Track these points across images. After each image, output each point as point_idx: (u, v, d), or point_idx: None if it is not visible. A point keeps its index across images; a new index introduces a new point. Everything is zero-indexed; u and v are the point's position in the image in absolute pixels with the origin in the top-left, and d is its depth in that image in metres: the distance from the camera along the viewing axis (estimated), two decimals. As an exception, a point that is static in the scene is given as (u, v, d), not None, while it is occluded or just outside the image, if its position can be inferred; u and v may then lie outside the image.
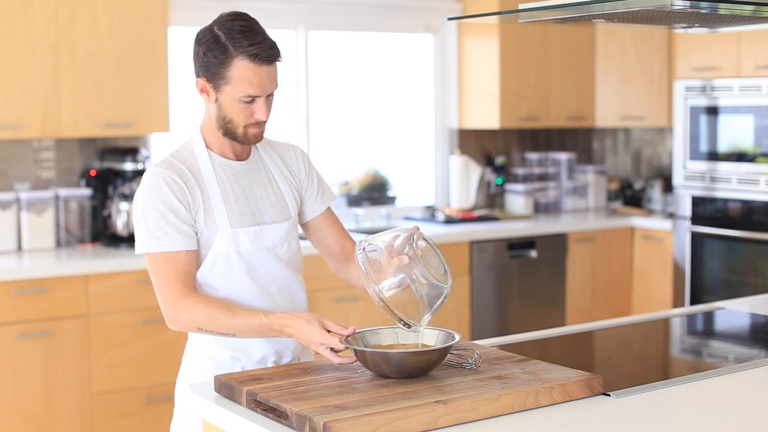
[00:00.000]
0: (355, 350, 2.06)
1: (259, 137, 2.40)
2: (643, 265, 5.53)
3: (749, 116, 4.92)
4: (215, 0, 4.90)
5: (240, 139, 2.37)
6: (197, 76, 2.34)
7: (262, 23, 2.37)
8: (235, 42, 2.26)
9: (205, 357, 2.40)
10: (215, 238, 2.33)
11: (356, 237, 2.53)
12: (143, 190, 2.31)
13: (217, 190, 2.35)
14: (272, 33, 2.39)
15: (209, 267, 2.34)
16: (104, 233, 4.56)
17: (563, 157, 5.99)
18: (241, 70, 2.27)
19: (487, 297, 5.12)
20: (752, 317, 2.96)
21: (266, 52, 2.28)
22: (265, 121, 2.38)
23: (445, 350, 2.05)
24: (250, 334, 2.27)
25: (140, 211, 2.30)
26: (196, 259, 2.32)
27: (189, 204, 2.31)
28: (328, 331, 2.16)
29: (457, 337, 2.09)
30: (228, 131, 2.37)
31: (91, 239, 4.57)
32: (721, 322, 2.95)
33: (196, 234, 2.32)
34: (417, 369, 2.02)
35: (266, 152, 2.52)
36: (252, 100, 2.32)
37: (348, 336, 2.13)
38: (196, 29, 2.38)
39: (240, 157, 2.44)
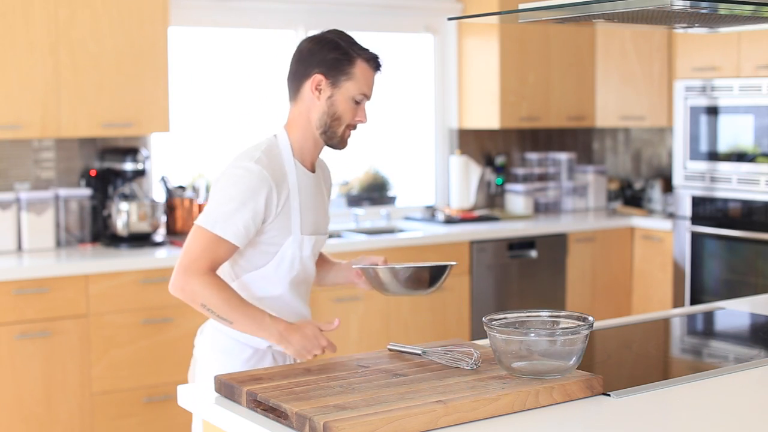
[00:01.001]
0: (364, 269, 2.51)
1: (347, 143, 2.59)
2: (643, 265, 5.53)
3: (749, 116, 4.92)
4: (215, 0, 4.90)
5: (337, 139, 2.54)
6: (312, 73, 2.48)
7: (262, 23, 2.39)
8: (354, 47, 2.51)
9: (242, 343, 2.50)
10: (285, 242, 2.50)
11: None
12: (242, 176, 2.43)
13: (296, 197, 2.51)
14: (272, 33, 2.40)
15: (274, 268, 2.51)
16: (104, 233, 4.56)
17: (563, 157, 5.99)
18: (363, 70, 2.51)
19: (487, 297, 5.12)
20: (752, 317, 2.96)
21: (378, 61, 2.57)
22: (356, 127, 2.58)
23: (446, 267, 2.46)
24: (246, 327, 2.40)
25: (227, 193, 2.42)
26: (233, 254, 2.46)
27: (271, 207, 2.45)
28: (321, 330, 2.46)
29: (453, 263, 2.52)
30: (330, 129, 2.52)
31: (91, 239, 4.57)
32: (721, 322, 2.95)
33: (253, 235, 2.46)
34: (421, 281, 2.43)
35: (319, 167, 2.68)
36: (360, 101, 2.52)
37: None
38: (196, 29, 2.41)
39: (311, 169, 2.60)
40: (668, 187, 5.72)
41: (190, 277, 2.38)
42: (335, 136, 2.52)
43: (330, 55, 2.47)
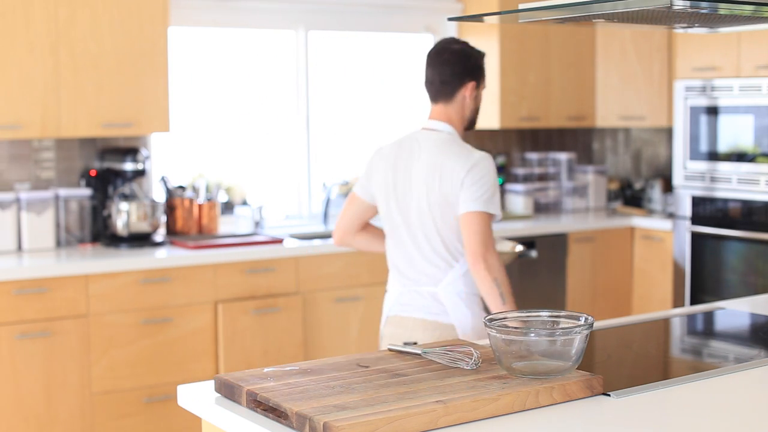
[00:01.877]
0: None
1: None
2: (643, 265, 5.53)
3: (749, 116, 4.92)
4: (215, 0, 4.90)
5: (474, 126, 3.25)
6: (466, 81, 3.13)
7: (262, 23, 2.39)
8: (483, 55, 3.22)
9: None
10: None
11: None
12: (489, 165, 3.04)
13: None
14: (272, 33, 2.40)
15: None
16: (104, 233, 4.56)
17: (563, 157, 5.99)
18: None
19: (487, 297, 5.12)
20: (752, 317, 2.96)
21: None
22: None
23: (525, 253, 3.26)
24: (511, 306, 3.03)
25: (486, 180, 3.02)
26: None
27: None
28: None
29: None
30: (473, 121, 3.22)
31: (91, 239, 4.57)
32: (721, 322, 2.95)
33: None
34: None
35: None
36: None
37: None
38: (196, 29, 2.41)
39: None
40: (668, 187, 5.72)
41: (490, 254, 2.98)
42: (474, 124, 3.23)
43: (477, 66, 3.15)
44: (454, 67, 3.11)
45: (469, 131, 3.26)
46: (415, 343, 2.57)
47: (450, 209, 3.04)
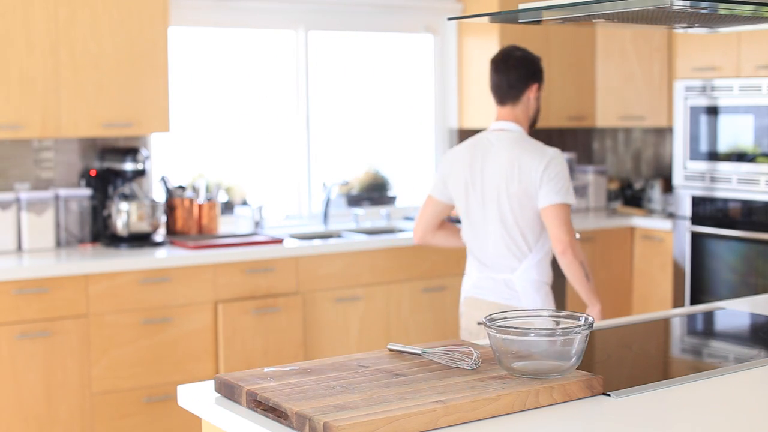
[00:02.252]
0: None
1: None
2: (643, 265, 5.53)
3: (749, 116, 4.92)
4: (215, 0, 4.90)
5: (536, 125, 3.56)
6: (531, 84, 3.46)
7: (262, 23, 2.39)
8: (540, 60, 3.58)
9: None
10: None
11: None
12: (563, 161, 3.38)
13: None
14: (272, 33, 2.40)
15: None
16: (104, 233, 4.56)
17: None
18: None
19: (487, 297, 5.12)
20: (752, 317, 2.96)
21: None
22: None
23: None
24: (594, 286, 3.49)
25: (563, 174, 3.35)
26: None
27: None
28: None
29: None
30: (536, 119, 3.54)
31: (91, 239, 4.57)
32: (721, 322, 2.95)
33: None
34: None
35: None
36: None
37: None
38: (196, 29, 2.41)
39: None
40: (668, 187, 5.72)
41: (574, 240, 3.30)
42: (536, 122, 3.55)
43: (538, 69, 3.50)
44: (519, 72, 3.46)
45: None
46: None
47: (528, 201, 3.36)
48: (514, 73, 3.46)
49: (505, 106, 3.48)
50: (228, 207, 5.13)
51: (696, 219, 5.17)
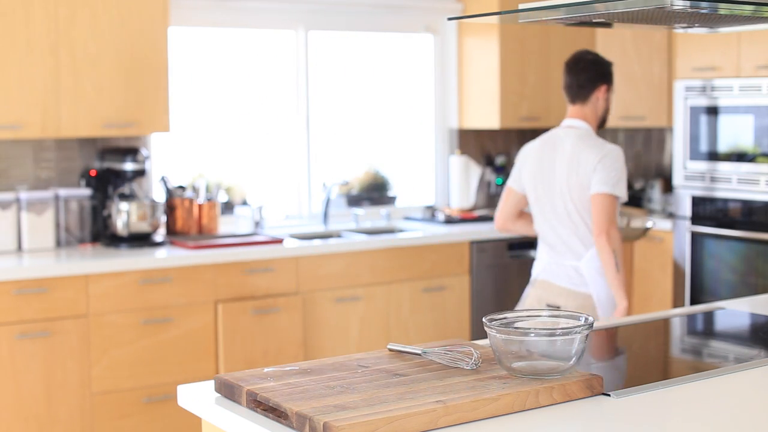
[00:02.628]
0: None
1: None
2: (643, 265, 5.52)
3: (749, 116, 4.92)
4: (215, 0, 4.90)
5: (605, 124, 3.82)
6: (600, 85, 3.73)
7: (262, 23, 2.39)
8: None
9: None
10: None
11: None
12: (618, 154, 3.62)
13: None
14: (272, 33, 2.40)
15: None
16: (104, 233, 4.56)
17: (563, 157, 5.98)
18: None
19: (487, 297, 5.12)
20: (752, 317, 2.96)
21: None
22: None
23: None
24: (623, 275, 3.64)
25: (615, 166, 3.59)
26: None
27: None
28: None
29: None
30: (605, 119, 3.79)
31: (91, 239, 4.57)
32: (721, 322, 2.95)
33: None
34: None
35: None
36: None
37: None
38: (196, 29, 2.41)
39: None
40: (668, 187, 5.72)
41: (613, 229, 3.55)
42: (605, 122, 3.81)
43: (607, 72, 3.77)
44: (588, 74, 3.74)
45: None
46: (558, 308, 3.61)
47: (585, 192, 3.63)
48: (584, 75, 3.75)
49: (575, 105, 3.77)
50: (228, 207, 5.13)
51: (696, 219, 5.17)
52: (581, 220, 3.67)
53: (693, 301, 5.17)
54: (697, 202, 5.16)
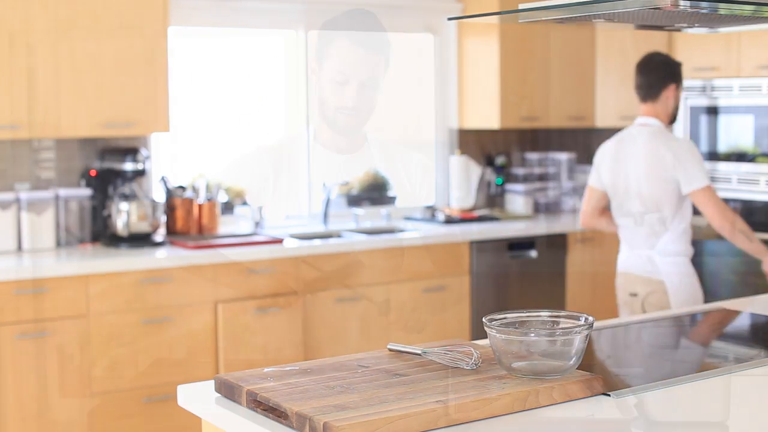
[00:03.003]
0: None
1: None
2: (643, 265, 5.52)
3: (749, 116, 4.91)
4: (215, 0, 4.90)
5: (675, 120, 4.05)
6: (668, 84, 3.97)
7: (262, 23, 2.39)
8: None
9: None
10: None
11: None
12: (695, 147, 3.92)
13: None
14: (272, 33, 2.40)
15: None
16: (104, 233, 4.56)
17: (563, 157, 5.98)
18: None
19: (487, 297, 5.12)
20: (752, 317, 2.96)
21: None
22: None
23: None
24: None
25: (699, 159, 3.85)
26: None
27: None
28: None
29: None
30: (675, 116, 4.02)
31: (91, 239, 4.57)
32: (722, 322, 2.95)
33: None
34: None
35: None
36: None
37: None
38: (196, 29, 2.41)
39: None
40: (668, 187, 5.71)
41: (729, 212, 3.84)
42: (675, 118, 4.03)
43: (676, 72, 4.01)
44: (658, 74, 3.99)
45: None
46: (635, 295, 3.95)
47: (663, 185, 3.84)
48: (654, 75, 4.00)
49: (647, 104, 4.01)
50: (228, 207, 5.13)
51: (696, 219, 5.16)
52: (655, 211, 3.90)
53: (693, 301, 5.16)
54: (697, 202, 5.15)
